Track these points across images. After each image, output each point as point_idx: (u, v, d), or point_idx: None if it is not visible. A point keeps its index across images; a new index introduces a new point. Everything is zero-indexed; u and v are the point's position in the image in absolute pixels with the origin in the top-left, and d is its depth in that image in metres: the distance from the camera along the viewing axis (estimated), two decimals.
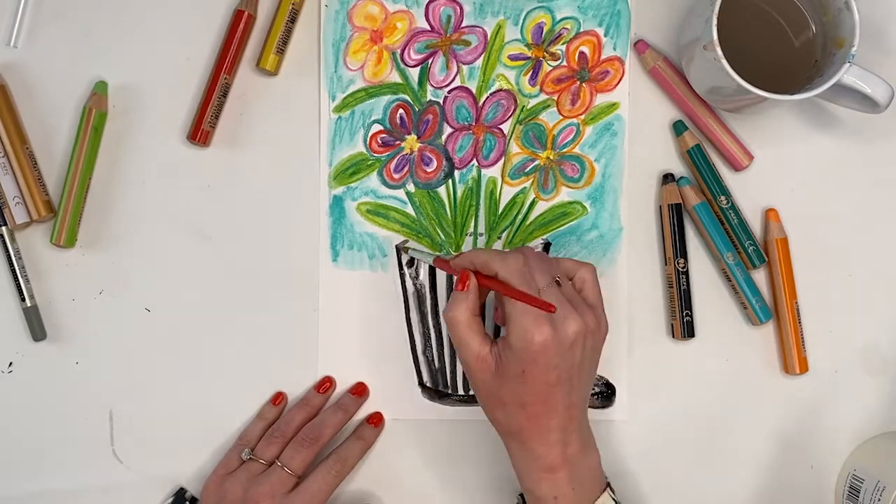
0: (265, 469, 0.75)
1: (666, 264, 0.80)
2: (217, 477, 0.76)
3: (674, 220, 0.78)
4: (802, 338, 0.79)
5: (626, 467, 0.80)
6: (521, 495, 0.72)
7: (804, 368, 0.79)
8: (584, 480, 0.69)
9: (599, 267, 0.80)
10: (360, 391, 0.79)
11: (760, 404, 0.80)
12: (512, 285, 0.67)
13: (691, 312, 0.79)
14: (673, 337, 0.79)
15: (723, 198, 0.79)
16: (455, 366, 0.80)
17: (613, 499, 0.70)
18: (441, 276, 0.79)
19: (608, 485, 0.71)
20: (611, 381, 0.80)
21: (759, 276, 0.80)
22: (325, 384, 0.79)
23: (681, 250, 0.78)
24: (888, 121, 0.77)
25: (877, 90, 0.72)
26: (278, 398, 0.78)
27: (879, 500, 0.75)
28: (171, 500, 0.77)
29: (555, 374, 0.67)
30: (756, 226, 0.80)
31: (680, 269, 0.78)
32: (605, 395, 0.80)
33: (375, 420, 0.79)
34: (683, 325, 0.79)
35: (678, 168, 0.80)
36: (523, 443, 0.69)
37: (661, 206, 0.79)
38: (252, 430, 0.78)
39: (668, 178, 0.79)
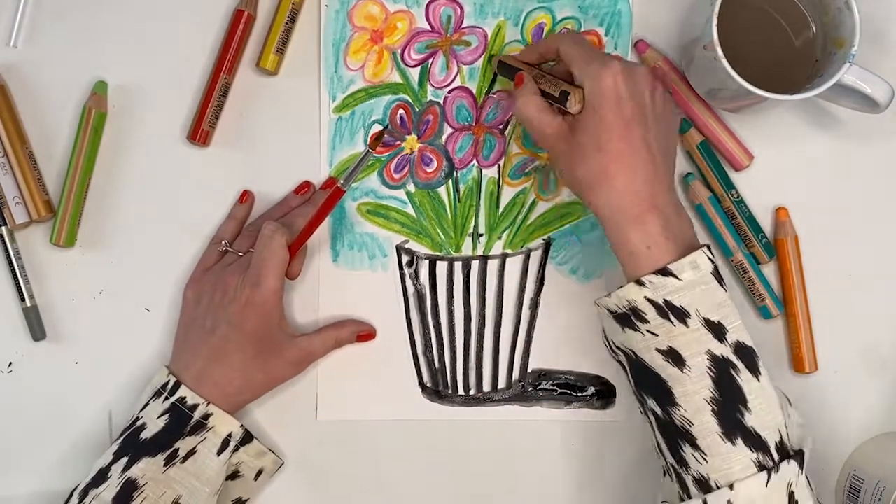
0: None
1: None
2: (196, 275, 0.77)
3: None
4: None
5: (626, 467, 0.80)
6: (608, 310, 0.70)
7: (816, 366, 0.79)
8: (677, 234, 0.67)
9: (600, 268, 0.80)
10: (330, 184, 0.79)
11: None
12: (577, 49, 0.70)
13: None
14: None
15: (734, 191, 0.79)
16: (455, 366, 0.80)
17: (710, 258, 0.67)
18: (441, 275, 0.79)
19: (707, 246, 0.67)
20: (611, 381, 0.80)
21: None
22: (304, 188, 0.79)
23: None
24: (888, 121, 0.77)
25: (877, 90, 0.72)
26: (244, 196, 0.79)
27: (879, 500, 0.75)
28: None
29: (628, 106, 0.67)
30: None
31: None
32: (605, 395, 0.80)
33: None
34: None
35: (678, 168, 0.80)
36: (609, 189, 0.67)
37: None
38: (225, 228, 0.78)
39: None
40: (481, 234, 0.80)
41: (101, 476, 0.71)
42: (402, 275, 0.80)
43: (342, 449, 0.80)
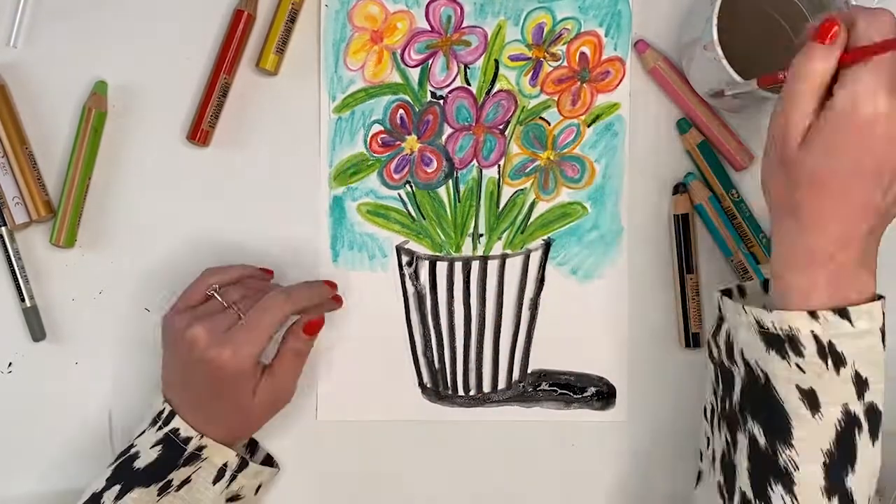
0: (222, 311, 0.72)
1: (673, 274, 0.80)
2: (179, 308, 0.73)
3: (681, 232, 0.78)
4: None
5: (626, 467, 0.80)
6: (725, 291, 0.68)
7: None
8: (844, 287, 0.61)
9: (600, 268, 0.80)
10: (333, 286, 0.77)
11: None
12: (883, 33, 0.58)
13: (701, 324, 0.79)
14: (679, 345, 0.79)
15: (734, 191, 0.79)
16: (455, 367, 0.80)
17: (884, 312, 0.62)
18: (441, 276, 0.79)
19: (883, 298, 0.62)
20: (611, 381, 0.80)
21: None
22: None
23: (689, 266, 0.79)
24: None
25: None
26: (268, 272, 0.77)
27: (880, 500, 0.75)
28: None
29: (870, 158, 0.58)
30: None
31: (689, 282, 0.79)
32: (605, 395, 0.80)
33: (332, 285, 0.76)
34: (692, 336, 0.79)
35: (678, 168, 0.80)
36: (796, 221, 0.61)
37: (672, 216, 0.79)
38: (227, 269, 0.74)
39: (678, 188, 0.79)
40: (481, 235, 0.80)
41: (94, 502, 0.70)
42: (402, 275, 0.80)
43: (342, 449, 0.80)
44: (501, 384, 0.80)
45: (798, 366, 0.62)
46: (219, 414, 0.72)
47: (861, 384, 0.62)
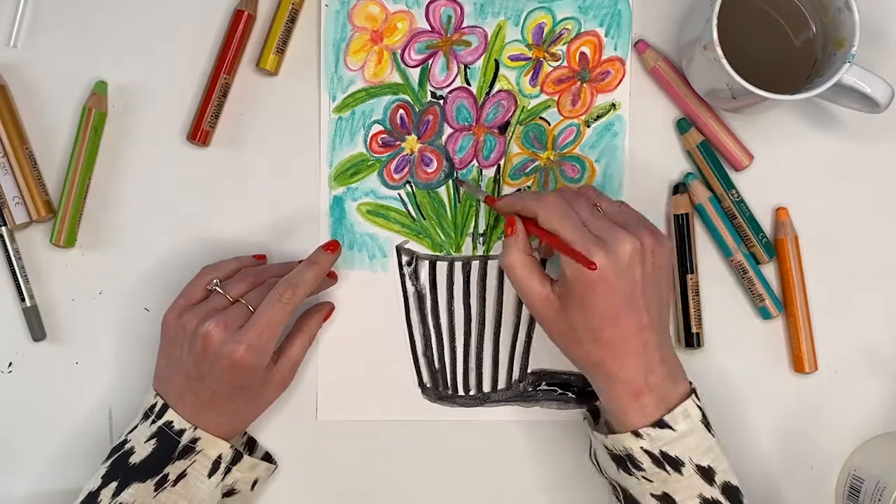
0: (228, 306, 0.72)
1: (673, 275, 0.80)
2: (179, 305, 0.73)
3: (681, 232, 0.78)
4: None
5: None
6: (590, 410, 0.74)
7: (816, 366, 0.79)
8: (669, 391, 0.68)
9: None
10: (332, 247, 0.76)
11: (760, 404, 0.80)
12: (553, 224, 0.67)
13: (701, 324, 0.79)
14: (678, 344, 0.79)
15: (734, 191, 0.79)
16: (455, 367, 0.80)
17: (698, 405, 0.69)
18: (441, 276, 0.79)
19: (693, 390, 0.69)
20: None
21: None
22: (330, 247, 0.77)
23: (689, 266, 0.79)
24: (888, 121, 0.77)
25: (877, 90, 0.72)
26: (260, 256, 0.78)
27: (879, 500, 0.75)
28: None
29: (618, 296, 0.66)
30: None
31: (689, 282, 0.79)
32: None
33: (331, 246, 0.76)
34: (692, 335, 0.79)
35: (678, 168, 0.80)
36: (607, 374, 0.68)
37: (672, 216, 0.79)
38: (224, 263, 0.75)
39: (678, 188, 0.79)
40: (482, 234, 0.80)
41: (91, 501, 0.70)
42: (402, 275, 0.80)
43: (342, 449, 0.80)
44: (501, 384, 0.80)
45: (645, 478, 0.68)
46: (228, 410, 0.72)
47: (706, 473, 0.68)
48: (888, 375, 0.81)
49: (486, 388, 0.80)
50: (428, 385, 0.80)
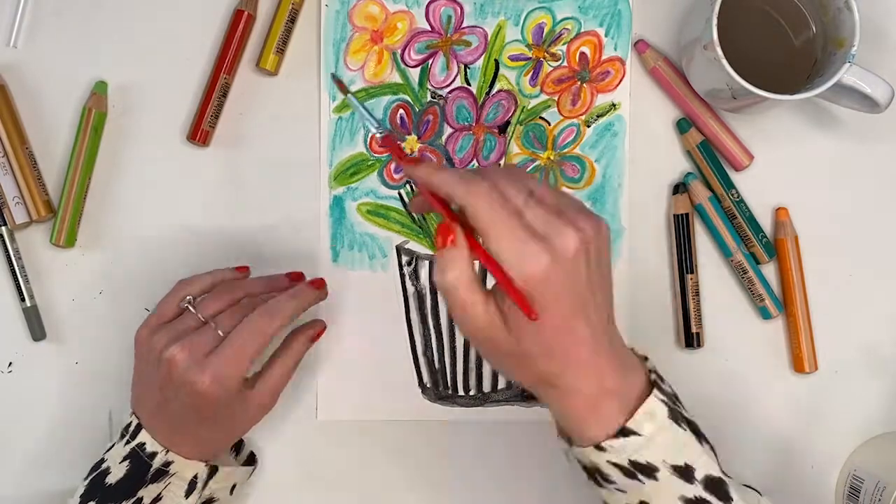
0: (200, 326, 0.69)
1: (673, 274, 0.80)
2: (150, 326, 0.70)
3: (681, 232, 0.78)
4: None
5: None
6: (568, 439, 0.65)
7: (816, 366, 0.79)
8: (627, 390, 0.61)
9: None
10: (318, 285, 0.73)
11: (760, 404, 0.80)
12: (483, 223, 0.57)
13: (701, 324, 0.79)
14: (678, 344, 0.79)
15: (734, 191, 0.79)
16: (455, 367, 0.80)
17: (661, 399, 0.61)
18: None
19: (654, 384, 0.62)
20: None
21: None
22: (294, 275, 0.74)
23: (689, 266, 0.79)
24: (888, 121, 0.77)
25: (877, 90, 0.72)
26: (243, 269, 0.74)
27: (879, 500, 0.75)
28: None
29: (567, 301, 0.58)
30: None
31: (689, 282, 0.79)
32: None
33: (317, 284, 0.73)
34: (692, 336, 0.79)
35: (678, 168, 0.80)
36: (561, 389, 0.60)
37: (672, 216, 0.79)
38: (199, 279, 0.72)
39: (678, 188, 0.79)
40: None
41: None
42: (402, 275, 0.80)
43: (342, 449, 0.80)
44: (501, 384, 0.80)
45: (618, 489, 0.61)
46: (200, 436, 0.69)
47: (684, 472, 0.61)
48: (888, 375, 0.81)
49: (486, 388, 0.80)
50: (428, 385, 0.80)
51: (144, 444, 0.69)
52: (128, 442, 0.70)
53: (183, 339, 0.67)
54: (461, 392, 0.80)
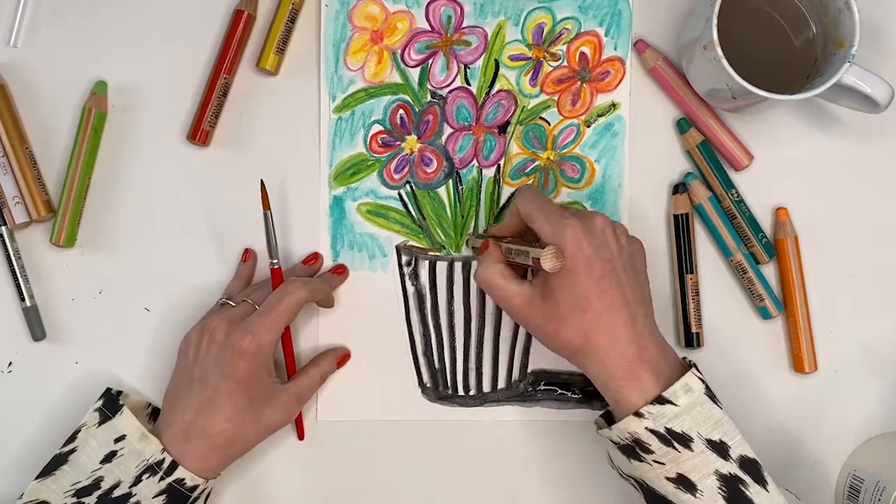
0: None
1: (673, 274, 0.80)
2: (195, 328, 0.74)
3: (681, 232, 0.78)
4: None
5: None
6: (603, 415, 0.72)
7: (816, 366, 0.79)
8: (666, 372, 0.67)
9: None
10: (339, 270, 0.79)
11: (760, 404, 0.80)
12: (530, 208, 0.70)
13: (700, 324, 0.79)
14: (678, 345, 0.79)
15: (734, 191, 0.79)
16: (455, 367, 0.80)
17: (700, 378, 0.67)
18: (441, 276, 0.79)
19: (692, 364, 0.69)
20: None
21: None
22: (312, 259, 0.79)
23: (689, 266, 0.79)
24: (888, 121, 0.77)
25: (877, 90, 0.72)
26: (246, 254, 0.78)
27: (879, 500, 0.75)
28: (100, 401, 0.74)
29: (598, 264, 0.67)
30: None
31: (689, 282, 0.79)
32: None
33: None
34: (692, 336, 0.79)
35: (678, 168, 0.80)
36: (599, 354, 0.67)
37: (672, 216, 0.79)
38: (231, 286, 0.78)
39: (678, 188, 0.79)
40: (482, 234, 0.80)
41: None
42: (402, 275, 0.80)
43: (342, 449, 0.80)
44: (501, 384, 0.80)
45: (656, 461, 0.66)
46: (231, 414, 0.71)
47: (719, 448, 0.66)
48: (888, 375, 0.81)
49: (486, 388, 0.80)
50: (428, 385, 0.80)
51: (184, 479, 0.70)
52: (162, 478, 0.70)
53: (220, 313, 0.73)
54: (461, 392, 0.80)
